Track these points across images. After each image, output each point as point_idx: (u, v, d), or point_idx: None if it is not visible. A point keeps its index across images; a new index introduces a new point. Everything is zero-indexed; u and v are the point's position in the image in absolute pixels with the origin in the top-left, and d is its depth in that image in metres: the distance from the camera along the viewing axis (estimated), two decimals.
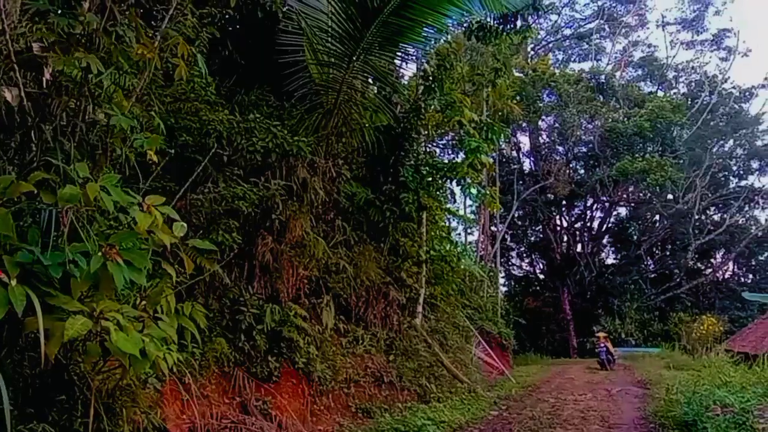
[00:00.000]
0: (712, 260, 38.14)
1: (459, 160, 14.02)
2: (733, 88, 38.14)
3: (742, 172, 37.40)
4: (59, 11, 4.71)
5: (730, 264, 38.18)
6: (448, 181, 12.87)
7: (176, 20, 7.42)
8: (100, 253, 3.62)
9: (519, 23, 17.30)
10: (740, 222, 36.31)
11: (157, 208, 3.81)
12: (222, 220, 7.45)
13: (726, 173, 37.04)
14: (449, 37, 15.47)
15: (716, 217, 36.92)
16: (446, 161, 14.09)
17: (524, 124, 34.82)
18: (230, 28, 11.06)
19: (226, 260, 6.89)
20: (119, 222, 4.41)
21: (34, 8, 4.72)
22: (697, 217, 34.71)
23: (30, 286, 3.52)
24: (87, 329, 3.67)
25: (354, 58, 10.12)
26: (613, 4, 40.92)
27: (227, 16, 10.42)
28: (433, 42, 12.55)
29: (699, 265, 37.65)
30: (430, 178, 12.27)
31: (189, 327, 4.92)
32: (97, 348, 3.86)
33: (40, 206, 3.76)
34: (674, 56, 41.37)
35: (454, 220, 24.56)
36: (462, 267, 16.03)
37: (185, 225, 3.86)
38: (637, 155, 32.40)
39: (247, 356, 7.51)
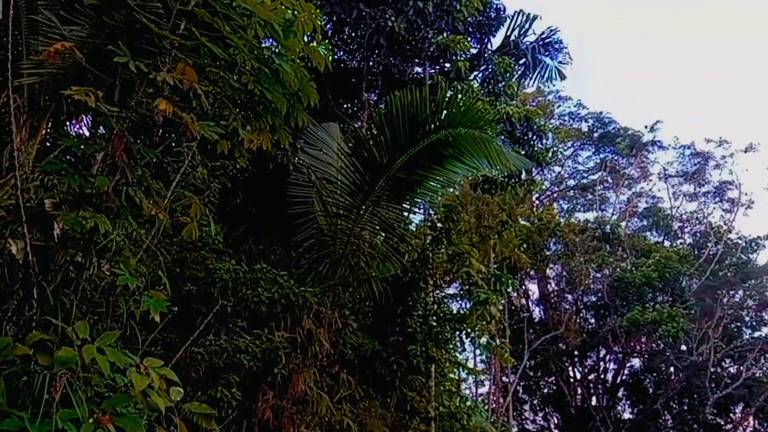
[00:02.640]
0: (731, 415, 36.28)
1: (468, 307, 13.82)
2: (739, 238, 38.36)
3: (754, 323, 36.67)
4: (73, 160, 4.83)
5: (750, 419, 36.22)
6: (457, 332, 12.58)
7: (187, 173, 7.66)
8: (90, 420, 3.46)
9: (524, 176, 17.84)
10: (757, 375, 35.01)
11: (155, 370, 3.67)
12: (222, 375, 7.20)
13: (739, 324, 36.29)
14: (456, 188, 15.91)
15: (732, 370, 35.62)
16: (455, 311, 13.88)
17: (532, 272, 34.84)
18: (241, 177, 11.44)
19: (227, 421, 6.55)
20: (115, 382, 4.23)
21: (47, 159, 4.85)
22: (712, 369, 33.55)
23: None
24: None
25: (362, 210, 10.30)
26: (615, 157, 42.31)
27: (238, 167, 10.81)
28: (440, 194, 12.86)
29: (719, 420, 35.74)
30: (438, 329, 12.00)
31: None
32: None
33: (35, 369, 3.63)
34: (678, 207, 42.09)
35: (463, 371, 23.84)
36: (473, 423, 15.26)
37: (182, 390, 3.69)
38: (647, 305, 32.00)
39: None
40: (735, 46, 68.38)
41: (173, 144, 8.23)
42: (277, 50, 4.71)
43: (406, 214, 12.79)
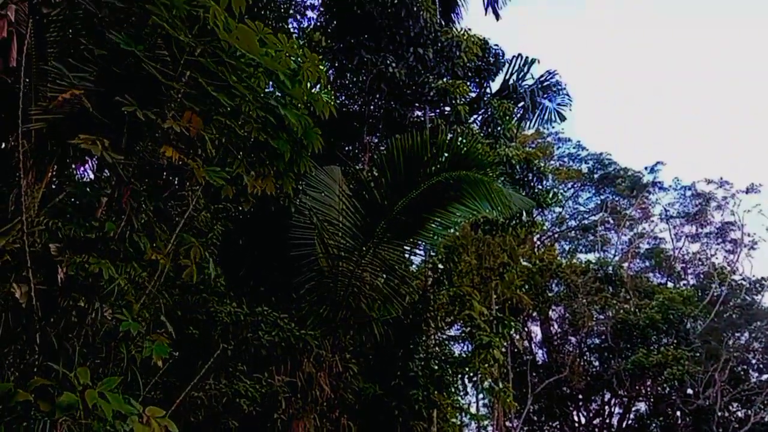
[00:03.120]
0: None
1: (470, 349, 13.71)
2: (743, 279, 38.01)
3: (761, 366, 36.18)
4: (77, 203, 4.87)
5: None
6: (459, 375, 12.47)
7: (191, 217, 7.71)
8: None
9: (524, 217, 17.90)
10: (766, 419, 34.35)
11: (157, 420, 3.65)
12: (221, 419, 7.13)
13: (745, 367, 35.80)
14: (457, 229, 15.93)
15: (740, 414, 34.98)
16: (457, 353, 13.77)
17: (534, 314, 34.56)
18: (242, 219, 11.51)
19: None
20: (115, 429, 4.21)
21: (52, 203, 4.90)
22: (720, 413, 32.94)
23: None
24: None
25: (363, 252, 10.31)
26: (616, 198, 42.36)
27: (241, 209, 10.88)
28: (441, 236, 12.87)
29: None
30: (440, 373, 11.88)
31: None
32: None
33: (36, 415, 3.61)
34: (681, 248, 41.89)
35: (466, 416, 23.46)
36: None
37: None
38: (651, 348, 31.65)
39: None
40: (736, 86, 69.21)
41: (177, 186, 8.32)
42: (280, 96, 4.81)
43: (407, 255, 12.79)
